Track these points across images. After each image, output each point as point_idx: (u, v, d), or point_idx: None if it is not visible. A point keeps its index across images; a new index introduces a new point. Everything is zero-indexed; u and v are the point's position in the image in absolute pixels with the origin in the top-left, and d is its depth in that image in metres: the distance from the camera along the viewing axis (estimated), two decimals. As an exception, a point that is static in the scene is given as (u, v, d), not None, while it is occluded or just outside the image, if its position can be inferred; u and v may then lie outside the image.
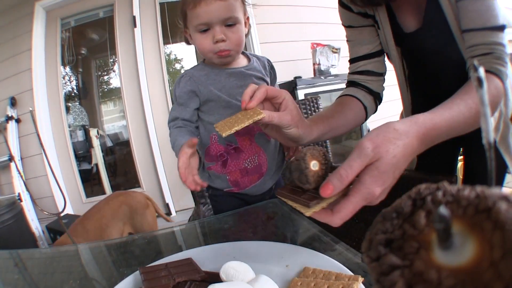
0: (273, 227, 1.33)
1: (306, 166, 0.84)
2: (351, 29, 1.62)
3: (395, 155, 0.82)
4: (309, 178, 0.84)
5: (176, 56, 6.10)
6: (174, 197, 4.97)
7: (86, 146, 5.58)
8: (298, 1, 5.34)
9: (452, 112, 0.99)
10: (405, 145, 0.85)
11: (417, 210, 0.31)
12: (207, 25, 1.46)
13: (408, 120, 0.91)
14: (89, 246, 1.51)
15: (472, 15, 1.22)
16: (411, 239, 0.29)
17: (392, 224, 0.31)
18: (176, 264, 1.00)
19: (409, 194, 0.33)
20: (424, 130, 0.90)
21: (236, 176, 1.68)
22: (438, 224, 0.27)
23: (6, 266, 1.35)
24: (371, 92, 1.57)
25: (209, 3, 1.41)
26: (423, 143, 0.91)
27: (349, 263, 0.95)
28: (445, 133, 0.98)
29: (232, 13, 1.45)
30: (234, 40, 1.49)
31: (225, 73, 1.60)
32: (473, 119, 1.02)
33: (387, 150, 0.82)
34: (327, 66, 4.98)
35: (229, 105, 1.59)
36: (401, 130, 0.86)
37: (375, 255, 0.30)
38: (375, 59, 1.60)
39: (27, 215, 4.38)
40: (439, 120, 0.95)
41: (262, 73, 1.66)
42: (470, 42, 1.24)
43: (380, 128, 0.88)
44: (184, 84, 1.60)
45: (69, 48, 5.31)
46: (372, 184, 0.81)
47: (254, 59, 1.69)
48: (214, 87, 1.58)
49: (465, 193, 0.29)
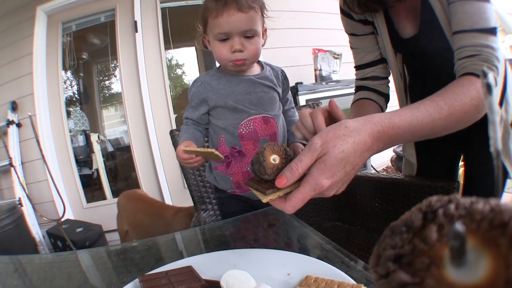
0: (274, 234, 1.33)
1: (263, 159, 0.94)
2: (354, 37, 1.67)
3: (342, 150, 0.87)
4: (267, 170, 0.93)
5: (178, 61, 6.11)
6: (174, 203, 4.95)
7: (87, 151, 5.58)
8: (300, 7, 5.36)
9: (417, 112, 1.01)
10: (356, 141, 0.89)
11: (428, 224, 0.30)
12: (227, 35, 1.51)
13: (363, 118, 0.95)
14: (89, 252, 1.51)
15: (461, 17, 1.23)
16: (421, 255, 0.28)
17: (401, 239, 0.30)
18: (176, 272, 1.00)
19: (419, 207, 0.32)
20: (379, 129, 0.94)
21: (239, 178, 1.71)
22: (453, 241, 0.26)
23: (6, 271, 1.34)
24: (381, 94, 1.63)
25: (231, 14, 1.46)
26: (380, 141, 0.95)
27: (351, 271, 0.94)
28: (408, 132, 0.99)
29: (252, 26, 1.50)
30: (251, 51, 1.55)
31: (236, 79, 1.65)
32: (444, 120, 1.03)
33: (334, 145, 0.87)
34: (329, 72, 4.98)
35: (235, 110, 1.64)
36: (352, 128, 0.91)
37: (384, 271, 0.29)
38: (380, 66, 1.65)
39: (28, 220, 4.38)
40: (398, 119, 0.97)
41: (273, 82, 1.70)
42: (458, 44, 1.24)
43: (333, 126, 0.94)
44: (195, 89, 1.69)
45: (70, 52, 5.32)
46: (319, 176, 0.87)
47: (267, 68, 1.73)
48: (223, 92, 1.64)
49: (479, 207, 0.28)
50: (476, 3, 1.20)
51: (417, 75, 1.62)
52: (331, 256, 1.07)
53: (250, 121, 1.63)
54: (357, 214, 1.94)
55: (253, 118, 1.63)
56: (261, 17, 1.57)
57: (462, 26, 1.22)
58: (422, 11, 1.41)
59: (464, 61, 1.19)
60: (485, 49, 1.17)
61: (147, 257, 1.31)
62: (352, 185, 1.87)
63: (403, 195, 1.66)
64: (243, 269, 0.94)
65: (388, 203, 1.75)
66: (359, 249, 1.74)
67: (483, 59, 1.16)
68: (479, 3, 1.19)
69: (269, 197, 0.90)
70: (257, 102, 1.64)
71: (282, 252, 1.06)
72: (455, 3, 1.24)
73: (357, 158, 0.90)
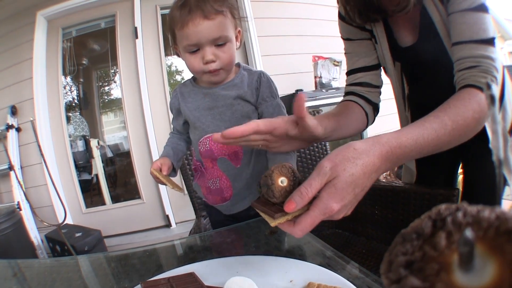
0: (276, 241, 1.33)
1: (272, 182, 0.91)
2: (349, 42, 1.65)
3: (352, 173, 0.86)
4: (275, 193, 0.90)
5: (177, 68, 6.11)
6: (174, 209, 4.96)
7: (87, 156, 5.58)
8: (299, 14, 5.36)
9: (423, 130, 1.00)
10: (365, 164, 0.88)
11: (438, 231, 0.31)
12: (197, 46, 1.43)
13: (371, 139, 0.94)
14: (89, 258, 1.50)
15: (460, 28, 1.23)
16: (431, 261, 0.29)
17: (412, 246, 0.31)
18: (179, 278, 1.00)
19: (429, 215, 0.33)
20: (387, 149, 0.93)
21: (204, 191, 1.73)
22: (463, 247, 0.27)
23: (4, 275, 1.34)
24: (369, 102, 1.59)
25: (197, 24, 1.37)
26: (388, 162, 0.94)
27: (353, 277, 0.95)
28: (415, 151, 0.99)
29: (221, 33, 1.42)
30: (224, 60, 1.47)
31: (202, 93, 1.60)
32: (448, 136, 1.02)
33: (344, 168, 0.86)
34: (329, 79, 4.98)
35: (195, 127, 1.62)
36: (361, 150, 0.90)
37: (395, 277, 0.30)
38: (372, 72, 1.62)
39: (26, 224, 4.36)
40: (405, 138, 0.97)
41: (243, 89, 1.58)
42: (458, 55, 1.24)
43: (340, 148, 0.92)
44: (172, 100, 1.70)
45: (70, 58, 5.31)
46: (329, 200, 0.85)
47: (243, 73, 1.63)
48: (189, 106, 1.61)
49: (485, 215, 0.29)
50: (475, 14, 1.20)
51: (416, 84, 1.62)
52: (333, 263, 1.07)
53: (206, 139, 1.60)
54: (357, 221, 1.94)
55: (209, 136, 1.58)
56: (232, 20, 1.47)
57: (461, 37, 1.22)
58: (421, 21, 1.41)
59: (464, 73, 1.19)
60: (485, 60, 1.17)
61: (148, 263, 1.31)
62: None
63: (403, 202, 1.66)
64: (245, 276, 0.94)
65: (388, 211, 1.75)
66: (359, 256, 1.74)
67: (483, 70, 1.16)
68: (478, 13, 1.20)
69: (277, 221, 0.88)
70: (218, 118, 1.58)
71: (284, 259, 1.06)
72: (454, 14, 1.24)
73: (366, 180, 0.90)
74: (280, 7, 5.24)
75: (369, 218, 1.86)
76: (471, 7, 1.20)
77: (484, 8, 1.20)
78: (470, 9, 1.20)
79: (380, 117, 1.67)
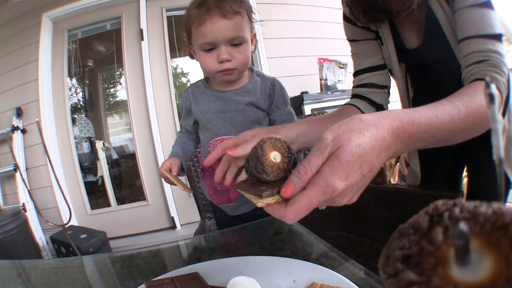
0: (280, 242, 1.33)
1: (262, 153, 0.78)
2: (355, 43, 1.63)
3: (359, 144, 0.72)
4: (266, 168, 0.77)
5: (183, 70, 6.12)
6: (179, 211, 4.96)
7: (92, 158, 5.59)
8: (305, 16, 5.36)
9: (436, 110, 0.89)
10: (373, 136, 0.75)
11: (435, 226, 0.31)
12: (212, 44, 1.43)
13: (378, 113, 0.82)
14: (93, 258, 1.51)
15: (466, 24, 1.21)
16: (428, 256, 0.29)
17: (409, 240, 0.31)
18: (182, 278, 1.00)
19: (426, 210, 0.33)
20: (398, 124, 0.80)
21: (210, 191, 1.72)
22: (457, 240, 0.27)
23: (9, 276, 1.34)
24: (374, 104, 1.56)
25: (214, 22, 1.37)
26: (399, 140, 0.80)
27: (356, 278, 0.95)
28: (428, 132, 0.86)
29: (238, 33, 1.42)
30: (240, 60, 1.46)
31: (214, 95, 1.60)
32: (461, 122, 0.92)
33: (349, 138, 0.73)
34: (334, 82, 4.98)
35: (206, 128, 1.61)
36: (369, 121, 0.77)
37: (392, 271, 0.30)
38: (378, 72, 1.59)
39: (31, 226, 4.37)
40: (418, 116, 0.84)
41: (256, 96, 1.57)
42: (465, 51, 1.21)
43: (345, 120, 0.79)
44: (182, 99, 1.68)
45: (75, 59, 5.33)
46: (331, 175, 0.71)
47: (256, 79, 1.63)
48: (201, 107, 1.60)
49: (482, 210, 0.29)
50: (481, 9, 1.18)
51: (421, 86, 1.61)
52: (336, 264, 1.07)
53: (217, 142, 1.59)
54: (362, 223, 1.93)
55: (220, 139, 1.58)
56: (248, 22, 1.48)
57: (468, 32, 1.20)
58: (427, 22, 1.40)
59: (472, 68, 1.16)
60: (493, 54, 1.15)
61: (152, 263, 1.31)
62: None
63: (407, 204, 1.66)
64: (249, 276, 0.94)
65: (392, 213, 1.74)
66: (363, 258, 1.73)
67: (492, 64, 1.13)
68: (484, 9, 1.18)
69: (265, 201, 0.73)
70: (230, 122, 1.57)
71: (288, 260, 1.07)
72: (460, 11, 1.22)
73: (375, 158, 0.75)
74: (286, 10, 5.25)
75: (373, 220, 1.85)
76: (476, 3, 1.19)
77: (490, 5, 1.19)
78: (476, 5, 1.19)
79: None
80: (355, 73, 1.65)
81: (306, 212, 0.71)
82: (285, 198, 0.72)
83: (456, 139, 0.98)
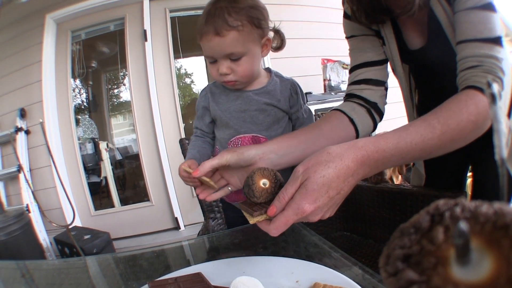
0: (283, 242, 1.33)
1: (252, 183, 0.98)
2: (353, 38, 1.60)
3: (323, 175, 0.88)
4: (256, 193, 0.97)
5: (187, 71, 6.12)
6: (183, 211, 4.97)
7: (96, 159, 5.59)
8: (309, 17, 5.36)
9: (405, 134, 0.99)
10: (338, 167, 0.90)
11: (435, 225, 0.31)
12: (212, 58, 1.46)
13: (346, 144, 0.95)
14: (97, 258, 1.51)
15: (464, 26, 1.20)
16: (429, 255, 0.29)
17: (410, 240, 0.31)
18: (186, 278, 1.00)
19: (427, 210, 0.33)
20: (363, 153, 0.93)
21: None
22: (458, 239, 0.27)
23: (13, 277, 1.35)
24: (367, 102, 1.51)
25: (209, 40, 1.39)
26: (365, 166, 0.94)
27: (359, 279, 0.95)
28: (396, 155, 0.98)
29: (233, 49, 1.41)
30: (240, 73, 1.47)
31: (234, 95, 1.61)
32: (438, 140, 1.00)
33: (315, 170, 0.89)
34: (338, 82, 4.98)
35: (227, 126, 1.62)
36: (335, 153, 0.91)
37: (393, 270, 0.30)
38: (376, 67, 1.55)
39: (35, 227, 4.38)
40: (384, 142, 0.96)
41: (276, 98, 1.60)
42: (461, 55, 1.20)
43: (315, 153, 0.95)
44: (201, 98, 1.68)
45: (79, 60, 5.33)
46: (301, 200, 0.88)
47: (274, 80, 1.64)
48: (221, 106, 1.61)
49: (483, 210, 0.29)
50: (481, 12, 1.16)
51: (425, 87, 1.61)
52: (339, 264, 1.07)
53: (238, 139, 1.60)
54: (365, 224, 1.93)
55: (242, 137, 1.60)
56: (251, 30, 1.44)
57: (465, 35, 1.19)
58: (430, 23, 1.39)
59: (466, 73, 1.16)
60: (488, 59, 1.13)
61: (156, 264, 1.31)
62: (360, 195, 1.88)
63: (411, 205, 1.65)
64: (252, 276, 0.94)
65: (396, 213, 1.74)
66: (367, 258, 1.73)
67: (486, 70, 1.12)
68: (484, 12, 1.16)
69: (256, 219, 0.94)
70: (250, 121, 1.59)
71: (291, 260, 1.07)
72: (459, 13, 1.21)
73: (341, 183, 0.91)
74: (290, 10, 5.25)
75: (377, 221, 1.85)
76: (477, 6, 1.17)
77: (491, 7, 1.17)
78: (476, 8, 1.17)
79: (389, 120, 1.65)
80: (351, 69, 1.61)
81: (284, 228, 0.90)
82: (270, 216, 0.91)
83: (433, 154, 1.06)
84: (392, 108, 1.61)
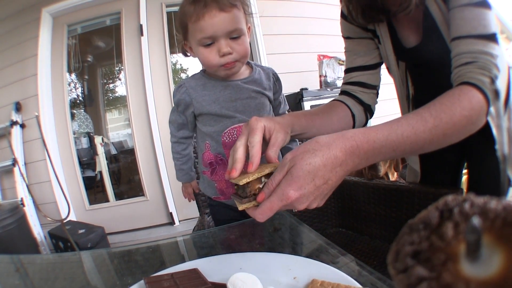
0: (279, 238, 1.33)
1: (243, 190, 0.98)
2: (349, 40, 1.64)
3: (309, 162, 0.88)
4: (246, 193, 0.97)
5: (182, 66, 6.11)
6: (177, 206, 4.97)
7: (91, 153, 5.58)
8: (305, 13, 5.36)
9: (397, 126, 0.99)
10: (325, 155, 0.90)
11: (445, 221, 0.31)
12: (212, 39, 1.44)
13: (336, 134, 0.95)
14: (91, 253, 1.50)
15: (459, 23, 1.20)
16: (438, 251, 0.29)
17: (419, 236, 0.31)
18: (182, 274, 1.00)
19: (436, 206, 0.32)
20: (352, 143, 0.93)
21: (222, 185, 1.70)
22: (470, 235, 0.27)
23: (7, 271, 1.34)
24: (361, 103, 1.57)
25: (213, 16, 1.38)
26: (354, 156, 0.93)
27: (357, 275, 0.95)
28: (387, 147, 0.97)
29: (236, 25, 1.43)
30: (240, 52, 1.48)
31: (221, 85, 1.61)
32: (429, 133, 0.99)
33: (302, 158, 0.89)
34: (334, 78, 4.98)
35: (219, 118, 1.61)
36: (323, 143, 0.92)
37: (402, 266, 0.30)
38: (369, 72, 1.60)
39: (30, 220, 4.38)
40: (374, 134, 0.96)
41: (262, 86, 1.65)
42: (455, 51, 1.20)
43: (305, 142, 0.95)
44: (179, 96, 1.65)
45: (75, 55, 5.32)
46: (286, 187, 0.88)
47: (257, 70, 1.68)
48: (208, 98, 1.60)
49: (491, 206, 0.29)
50: (475, 9, 1.16)
51: (421, 84, 1.61)
52: (337, 260, 1.07)
53: (233, 130, 1.60)
54: (361, 220, 1.93)
55: (237, 127, 1.60)
56: (244, 15, 1.49)
57: (459, 32, 1.19)
58: (425, 21, 1.39)
59: (460, 69, 1.15)
60: (483, 56, 1.12)
61: (151, 259, 1.31)
62: (356, 191, 1.88)
63: (407, 202, 1.65)
64: (249, 272, 0.94)
65: (391, 210, 1.74)
66: (362, 255, 1.73)
67: (480, 66, 1.11)
68: (478, 9, 1.16)
69: (244, 206, 0.96)
70: (242, 110, 1.60)
71: (288, 256, 1.07)
72: (454, 9, 1.21)
73: (328, 173, 0.90)
74: (286, 6, 5.25)
75: (373, 217, 1.85)
76: (471, 3, 1.17)
77: (486, 4, 1.17)
78: (470, 4, 1.17)
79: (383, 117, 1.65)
80: (346, 70, 1.66)
81: (270, 213, 0.91)
82: (259, 202, 0.93)
83: (425, 148, 1.04)
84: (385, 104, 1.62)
